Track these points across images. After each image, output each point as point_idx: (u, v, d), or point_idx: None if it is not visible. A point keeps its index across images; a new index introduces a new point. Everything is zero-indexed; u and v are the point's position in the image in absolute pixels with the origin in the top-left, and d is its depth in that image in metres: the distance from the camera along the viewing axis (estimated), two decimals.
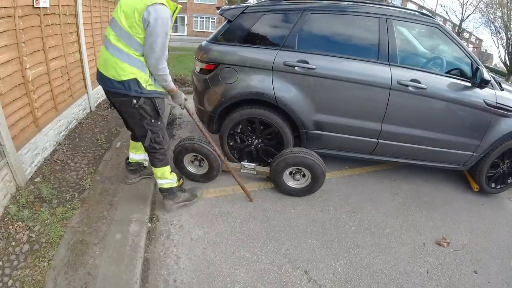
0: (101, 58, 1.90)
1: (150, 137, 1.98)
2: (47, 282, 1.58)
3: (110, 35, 1.81)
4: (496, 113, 2.60)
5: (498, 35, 17.07)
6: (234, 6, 2.69)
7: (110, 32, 1.82)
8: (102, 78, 1.89)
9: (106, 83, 1.87)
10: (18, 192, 2.18)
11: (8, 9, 2.11)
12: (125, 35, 1.77)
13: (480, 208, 2.81)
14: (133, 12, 1.72)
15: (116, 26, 1.80)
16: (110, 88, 1.86)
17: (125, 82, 1.81)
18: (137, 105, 1.86)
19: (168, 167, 2.15)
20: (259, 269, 1.87)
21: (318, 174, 2.42)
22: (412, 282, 1.91)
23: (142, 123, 1.94)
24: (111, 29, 1.82)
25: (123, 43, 1.78)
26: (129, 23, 1.74)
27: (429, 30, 2.71)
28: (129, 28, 1.75)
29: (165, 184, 2.17)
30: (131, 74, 1.81)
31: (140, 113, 1.90)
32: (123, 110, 1.99)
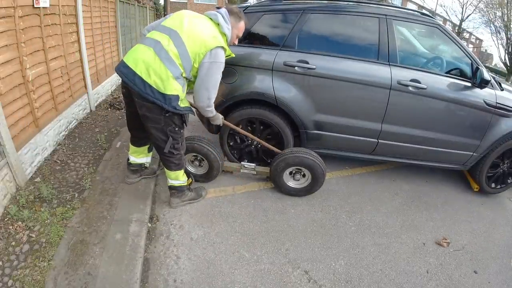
0: (140, 58, 1.79)
1: (171, 143, 1.98)
2: (47, 282, 1.58)
3: (167, 44, 1.79)
4: (496, 113, 2.60)
5: (498, 35, 17.08)
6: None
7: (167, 40, 1.80)
8: (139, 81, 1.77)
9: (140, 86, 1.78)
10: (18, 192, 2.18)
11: (8, 9, 2.11)
12: (186, 57, 1.82)
13: (480, 208, 2.81)
14: (201, 45, 1.82)
15: (177, 40, 1.80)
16: (144, 93, 1.78)
17: (167, 96, 1.80)
18: (167, 115, 1.86)
19: (182, 170, 2.17)
20: (259, 269, 1.87)
21: (318, 174, 2.42)
22: (412, 282, 1.91)
23: (165, 130, 1.93)
24: (169, 39, 1.80)
25: (180, 62, 1.82)
26: (194, 51, 1.82)
27: (429, 30, 2.71)
28: (191, 54, 1.82)
29: (176, 183, 2.20)
30: (175, 91, 1.82)
31: (167, 121, 1.89)
32: (144, 114, 1.89)
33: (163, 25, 1.89)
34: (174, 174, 2.13)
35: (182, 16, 1.91)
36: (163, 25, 1.89)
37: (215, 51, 1.85)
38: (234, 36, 2.09)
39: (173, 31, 1.83)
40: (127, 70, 1.81)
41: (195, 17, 1.94)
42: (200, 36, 1.83)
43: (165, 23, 1.90)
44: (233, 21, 2.03)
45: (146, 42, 1.85)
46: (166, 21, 1.92)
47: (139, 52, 1.83)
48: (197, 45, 1.82)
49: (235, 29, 2.05)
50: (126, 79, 1.81)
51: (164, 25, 1.89)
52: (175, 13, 1.97)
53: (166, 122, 1.89)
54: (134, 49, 1.88)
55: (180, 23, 1.85)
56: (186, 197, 2.30)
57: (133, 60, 1.81)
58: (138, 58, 1.80)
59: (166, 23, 1.90)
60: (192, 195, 2.34)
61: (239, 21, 2.06)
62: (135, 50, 1.86)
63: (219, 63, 1.88)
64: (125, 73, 1.81)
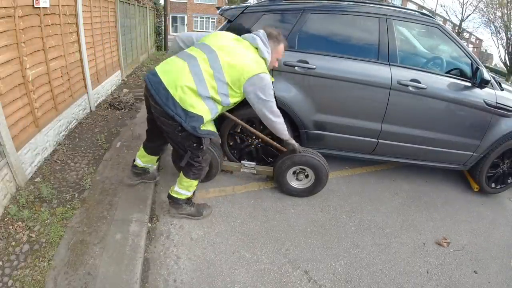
0: (171, 70, 1.73)
1: (189, 157, 1.90)
2: (47, 282, 1.58)
3: (203, 62, 1.73)
4: (496, 113, 2.60)
5: (498, 35, 17.11)
6: (234, 6, 2.68)
7: (204, 59, 1.74)
8: (163, 91, 1.68)
9: (163, 97, 1.68)
10: (18, 192, 2.18)
11: (8, 9, 2.11)
12: (221, 80, 1.74)
13: (480, 208, 2.81)
14: (241, 71, 1.76)
15: (215, 62, 1.73)
16: (164, 105, 1.67)
17: (190, 113, 1.69)
18: (182, 133, 1.75)
19: (197, 181, 2.07)
20: (259, 269, 1.87)
21: (322, 176, 2.42)
22: (412, 282, 1.91)
23: (184, 145, 1.86)
24: (207, 58, 1.74)
25: (214, 84, 1.73)
26: (232, 75, 1.76)
27: (429, 30, 2.71)
28: (228, 78, 1.75)
29: (180, 194, 2.07)
30: (200, 111, 1.72)
31: (183, 139, 1.81)
32: (164, 128, 1.83)
33: (203, 43, 1.83)
34: (188, 182, 2.02)
35: (223, 37, 1.87)
36: (203, 42, 1.84)
37: (257, 77, 1.80)
38: (274, 59, 2.03)
39: (212, 51, 1.76)
40: (154, 78, 1.72)
41: (236, 40, 1.90)
42: (240, 62, 1.77)
43: (205, 40, 1.85)
44: (272, 45, 1.97)
45: (182, 55, 1.80)
46: (206, 39, 1.87)
47: (171, 63, 1.77)
48: (236, 71, 1.75)
49: (274, 53, 1.99)
50: (150, 86, 1.71)
51: (204, 42, 1.84)
52: (215, 32, 1.96)
53: (182, 138, 1.80)
54: (168, 60, 1.82)
55: (221, 44, 1.80)
56: (184, 210, 2.15)
57: (163, 70, 1.74)
58: (168, 69, 1.74)
59: (206, 40, 1.85)
60: (191, 211, 2.17)
61: (279, 44, 2.00)
62: (169, 62, 1.80)
63: (263, 86, 1.83)
64: (152, 80, 1.72)
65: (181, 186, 2.05)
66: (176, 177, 2.62)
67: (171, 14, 23.09)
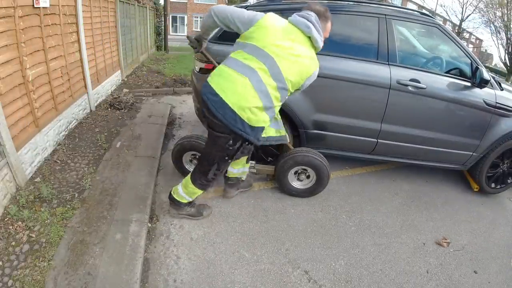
0: (233, 89, 1.61)
1: (215, 170, 1.89)
2: (47, 282, 1.58)
3: (265, 76, 1.62)
4: (495, 113, 2.60)
5: (498, 35, 17.11)
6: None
7: (265, 71, 1.62)
8: (231, 114, 1.61)
9: (231, 120, 1.62)
10: (18, 192, 2.18)
11: (8, 9, 2.11)
12: (284, 89, 1.68)
13: (480, 208, 2.81)
14: (301, 75, 1.70)
15: (275, 71, 1.62)
16: (233, 126, 1.63)
17: (256, 129, 1.68)
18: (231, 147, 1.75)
19: (202, 191, 2.04)
20: (259, 269, 1.87)
21: (323, 177, 2.43)
22: (412, 282, 1.91)
23: (220, 155, 1.82)
24: (267, 69, 1.61)
25: (277, 95, 1.67)
26: (293, 81, 1.69)
27: (429, 30, 2.71)
28: (289, 84, 1.68)
29: (183, 198, 2.06)
30: (263, 123, 1.69)
31: (230, 149, 1.77)
32: (216, 140, 1.79)
33: (255, 46, 1.64)
34: (193, 189, 1.98)
35: (275, 33, 1.65)
36: (254, 44, 1.65)
37: (313, 75, 1.76)
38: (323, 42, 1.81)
39: (269, 57, 1.61)
40: (215, 98, 1.63)
41: (289, 33, 1.68)
42: (300, 68, 1.68)
43: (256, 40, 1.65)
44: (322, 26, 1.73)
45: (240, 69, 1.63)
46: (256, 35, 1.65)
47: (231, 80, 1.63)
48: (297, 75, 1.69)
49: (324, 34, 1.78)
50: (214, 109, 1.62)
51: (255, 44, 1.64)
52: (264, 24, 1.67)
53: (228, 149, 1.77)
54: (225, 74, 1.66)
55: (276, 45, 1.63)
56: (184, 211, 2.14)
57: (223, 89, 1.63)
58: (230, 88, 1.62)
59: (257, 39, 1.64)
60: (191, 212, 2.17)
61: (327, 23, 1.78)
62: (226, 77, 1.64)
63: (312, 79, 1.81)
64: (213, 100, 1.63)
65: (185, 191, 2.03)
66: (176, 177, 2.64)
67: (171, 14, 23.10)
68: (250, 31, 1.68)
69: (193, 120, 4.15)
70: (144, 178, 2.54)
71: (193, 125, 4.01)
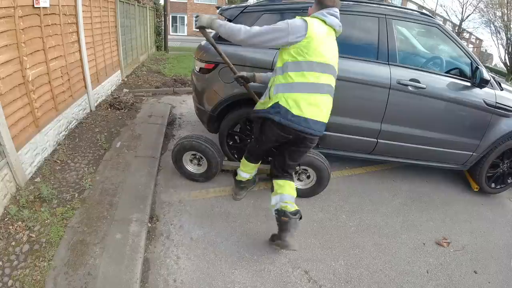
0: (325, 108, 1.81)
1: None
2: (47, 282, 1.58)
3: (334, 83, 1.83)
4: (495, 113, 2.60)
5: (498, 35, 17.09)
6: (233, 5, 2.68)
7: (333, 79, 1.82)
8: (320, 125, 1.81)
9: (321, 129, 1.83)
10: (18, 192, 2.18)
11: (8, 9, 2.11)
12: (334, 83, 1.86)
13: (480, 208, 2.81)
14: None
15: (335, 73, 1.84)
16: (321, 133, 1.85)
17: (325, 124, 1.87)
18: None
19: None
20: (259, 269, 1.87)
21: (324, 177, 2.43)
22: (412, 282, 1.91)
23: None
24: (333, 77, 1.82)
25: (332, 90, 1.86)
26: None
27: (429, 30, 2.71)
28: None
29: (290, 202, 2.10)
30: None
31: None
32: (304, 147, 1.94)
33: (323, 63, 1.75)
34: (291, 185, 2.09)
35: (332, 46, 1.81)
36: (323, 62, 1.74)
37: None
38: None
39: (331, 67, 1.80)
40: (306, 123, 1.77)
41: (330, 34, 1.81)
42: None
43: (317, 58, 1.72)
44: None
45: (322, 90, 1.78)
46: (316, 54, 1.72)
47: (320, 103, 1.79)
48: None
49: None
50: (307, 129, 1.78)
51: (323, 62, 1.74)
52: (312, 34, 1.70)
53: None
54: (312, 101, 1.76)
55: (334, 55, 1.82)
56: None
57: (316, 113, 1.78)
58: (321, 108, 1.79)
59: (318, 57, 1.72)
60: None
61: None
62: (315, 103, 1.77)
63: None
64: (306, 124, 1.77)
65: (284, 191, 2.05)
66: (176, 176, 2.65)
67: (171, 14, 23.11)
68: (302, 46, 1.71)
69: (193, 120, 4.15)
70: (144, 178, 2.54)
71: (193, 125, 4.01)
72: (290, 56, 1.75)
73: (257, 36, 1.74)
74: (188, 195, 2.49)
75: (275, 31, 1.72)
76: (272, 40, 1.73)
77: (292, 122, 1.75)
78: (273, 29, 1.73)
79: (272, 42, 1.75)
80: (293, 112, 1.74)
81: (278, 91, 1.79)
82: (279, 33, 1.71)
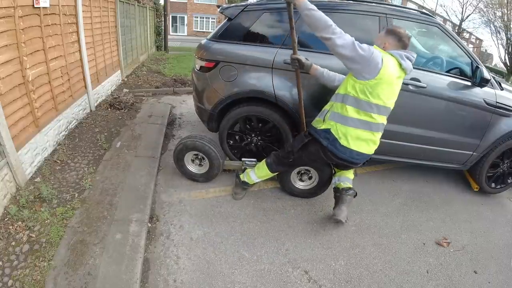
0: (367, 142, 1.88)
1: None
2: (47, 282, 1.58)
3: (383, 120, 1.90)
4: (496, 113, 2.60)
5: (498, 35, 17.06)
6: (234, 4, 2.69)
7: (383, 118, 1.89)
8: (357, 155, 1.90)
9: (358, 159, 1.93)
10: (18, 192, 2.18)
11: (8, 9, 2.11)
12: None
13: (480, 208, 2.81)
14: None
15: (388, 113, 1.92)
16: (361, 162, 1.98)
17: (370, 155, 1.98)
18: None
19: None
20: (259, 269, 1.87)
21: (325, 180, 2.43)
22: (412, 282, 1.91)
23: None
24: (385, 117, 1.90)
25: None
26: None
27: (429, 29, 2.71)
28: None
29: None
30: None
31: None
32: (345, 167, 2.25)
33: (383, 106, 1.81)
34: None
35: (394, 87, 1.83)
36: (383, 105, 1.80)
37: None
38: None
39: (388, 109, 1.87)
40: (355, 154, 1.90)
41: (400, 81, 1.87)
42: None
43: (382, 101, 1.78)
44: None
45: (374, 128, 1.87)
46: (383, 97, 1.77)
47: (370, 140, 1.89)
48: None
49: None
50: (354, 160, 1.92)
51: (383, 106, 1.81)
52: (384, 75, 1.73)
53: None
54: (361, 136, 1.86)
55: (393, 98, 1.87)
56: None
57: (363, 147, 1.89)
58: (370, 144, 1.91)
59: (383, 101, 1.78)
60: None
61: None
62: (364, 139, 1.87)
63: None
64: (354, 157, 1.90)
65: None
66: (176, 176, 2.65)
67: (171, 14, 23.10)
68: (369, 85, 1.74)
69: (193, 120, 4.15)
70: (144, 178, 2.54)
71: (193, 125, 4.01)
72: (353, 90, 1.79)
73: (341, 48, 1.73)
74: (188, 195, 2.49)
75: (357, 53, 1.70)
76: (349, 59, 1.73)
77: (338, 150, 1.88)
78: (357, 50, 1.70)
79: (347, 62, 1.77)
80: (340, 142, 1.86)
81: (334, 119, 1.89)
82: (358, 58, 1.70)
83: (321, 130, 1.93)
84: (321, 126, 1.93)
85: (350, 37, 1.74)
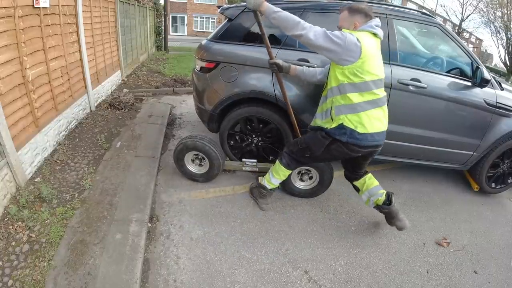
0: (379, 119, 1.87)
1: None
2: (47, 282, 1.58)
3: (383, 92, 1.87)
4: (496, 113, 2.60)
5: (498, 35, 17.05)
6: (234, 5, 2.68)
7: (382, 90, 1.86)
8: (377, 136, 1.88)
9: (380, 139, 1.90)
10: (18, 192, 2.18)
11: (8, 9, 2.11)
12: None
13: (480, 208, 2.81)
14: None
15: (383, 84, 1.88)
16: (383, 141, 1.93)
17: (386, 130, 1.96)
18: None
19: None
20: (259, 269, 1.87)
21: (326, 180, 2.43)
22: (412, 282, 1.91)
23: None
24: (383, 88, 1.87)
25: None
26: None
27: (429, 30, 2.71)
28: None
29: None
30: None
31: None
32: (370, 157, 2.11)
33: (377, 79, 1.81)
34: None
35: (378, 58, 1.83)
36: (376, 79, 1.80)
37: None
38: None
39: (383, 80, 1.87)
40: (378, 136, 1.89)
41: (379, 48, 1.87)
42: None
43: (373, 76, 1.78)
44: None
45: (379, 103, 1.86)
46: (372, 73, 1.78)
47: (381, 116, 1.88)
48: None
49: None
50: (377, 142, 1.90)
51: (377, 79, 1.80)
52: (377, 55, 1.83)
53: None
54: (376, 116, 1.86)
55: (381, 67, 1.85)
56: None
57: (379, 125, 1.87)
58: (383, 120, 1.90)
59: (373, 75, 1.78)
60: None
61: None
62: (379, 118, 1.87)
63: None
64: (378, 139, 1.89)
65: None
66: (176, 176, 2.65)
67: (171, 14, 23.09)
68: (356, 67, 1.74)
69: (193, 120, 4.15)
70: (144, 178, 2.54)
71: (193, 125, 4.01)
72: (345, 78, 1.78)
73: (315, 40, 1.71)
74: (188, 195, 2.49)
75: (332, 42, 1.70)
76: (326, 50, 1.72)
77: (360, 140, 1.85)
78: (331, 39, 1.70)
79: (325, 52, 1.75)
80: (358, 131, 1.83)
81: (341, 112, 1.85)
82: (334, 46, 1.70)
83: (334, 128, 1.89)
84: (333, 125, 1.90)
85: (321, 28, 1.74)
